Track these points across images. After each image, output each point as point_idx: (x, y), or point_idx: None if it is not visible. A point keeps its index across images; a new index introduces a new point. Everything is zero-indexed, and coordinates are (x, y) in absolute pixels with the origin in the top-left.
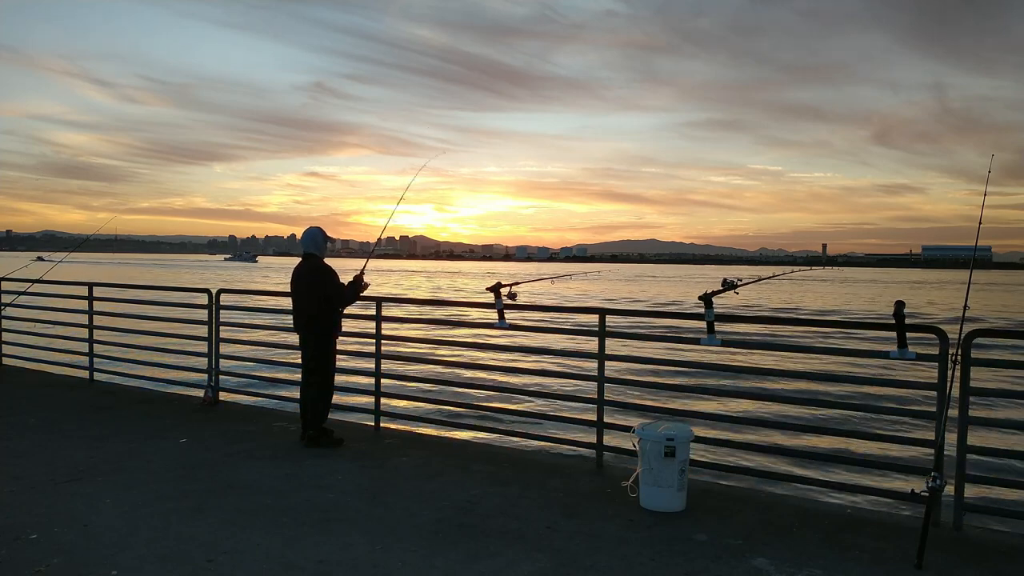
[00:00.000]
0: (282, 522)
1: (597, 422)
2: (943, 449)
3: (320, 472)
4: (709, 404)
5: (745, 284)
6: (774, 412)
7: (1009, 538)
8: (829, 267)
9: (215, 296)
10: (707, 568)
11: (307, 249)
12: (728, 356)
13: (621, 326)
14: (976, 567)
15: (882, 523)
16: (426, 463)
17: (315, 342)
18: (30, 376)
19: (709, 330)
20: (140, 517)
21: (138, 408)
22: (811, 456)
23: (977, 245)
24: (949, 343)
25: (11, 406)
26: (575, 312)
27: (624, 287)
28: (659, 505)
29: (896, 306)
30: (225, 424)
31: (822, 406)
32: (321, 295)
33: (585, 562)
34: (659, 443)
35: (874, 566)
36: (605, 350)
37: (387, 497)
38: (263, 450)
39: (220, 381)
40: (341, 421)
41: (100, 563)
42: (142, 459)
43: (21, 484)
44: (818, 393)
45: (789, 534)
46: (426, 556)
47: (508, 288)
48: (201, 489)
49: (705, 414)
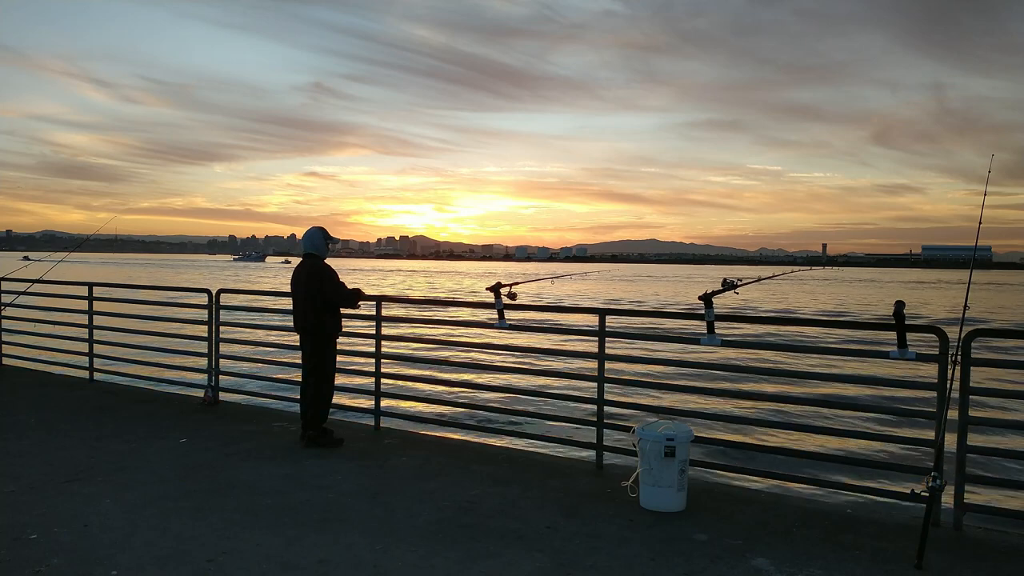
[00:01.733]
0: (282, 522)
1: (597, 422)
2: (943, 449)
3: (320, 472)
4: (709, 404)
5: (745, 284)
6: (774, 412)
7: (1009, 538)
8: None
9: (215, 296)
10: (707, 568)
11: (307, 249)
12: (728, 356)
13: (621, 326)
14: (976, 567)
15: (882, 523)
16: (426, 463)
17: (315, 342)
18: (30, 376)
19: (709, 330)
20: (140, 517)
21: (138, 408)
22: (811, 456)
23: (977, 245)
24: (949, 343)
25: (11, 406)
26: (575, 312)
27: (624, 287)
28: (659, 505)
29: (896, 306)
30: (225, 424)
31: (822, 406)
32: (321, 295)
33: (585, 562)
34: (659, 443)
35: (874, 566)
36: (605, 350)
37: (387, 497)
38: (263, 450)
39: (220, 381)
40: (341, 421)
41: (100, 563)
42: (142, 459)
43: (21, 484)
44: (818, 393)
45: (789, 534)
46: (426, 556)
47: (508, 288)
48: (201, 489)
49: (705, 414)
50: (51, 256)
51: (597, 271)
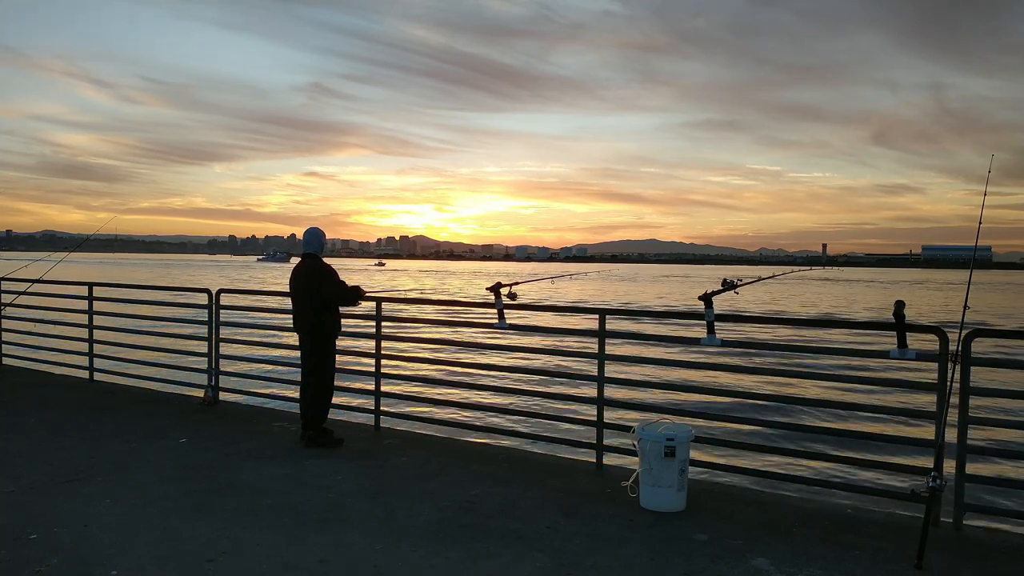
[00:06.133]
0: (282, 522)
1: (597, 422)
2: (943, 449)
3: (320, 472)
4: (709, 404)
5: (745, 284)
6: (774, 412)
7: (1009, 538)
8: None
9: (215, 296)
10: (707, 568)
11: (307, 249)
12: (728, 356)
13: (621, 327)
14: (976, 567)
15: (882, 523)
16: (426, 463)
17: (315, 342)
18: (30, 376)
19: (709, 330)
20: (140, 517)
21: (138, 408)
22: (811, 456)
23: (977, 245)
24: (949, 343)
25: (11, 406)
26: (575, 312)
27: (624, 287)
28: (659, 505)
29: (896, 306)
30: (225, 424)
31: (822, 406)
32: (321, 295)
33: (585, 562)
34: (659, 443)
35: (874, 566)
36: (605, 350)
37: (387, 497)
38: (263, 450)
39: (220, 381)
40: (341, 421)
41: (100, 563)
42: (142, 459)
43: (21, 484)
44: (818, 393)
45: (789, 534)
46: (426, 556)
47: (508, 288)
48: (201, 489)
49: (705, 414)
50: (51, 256)
51: (597, 271)
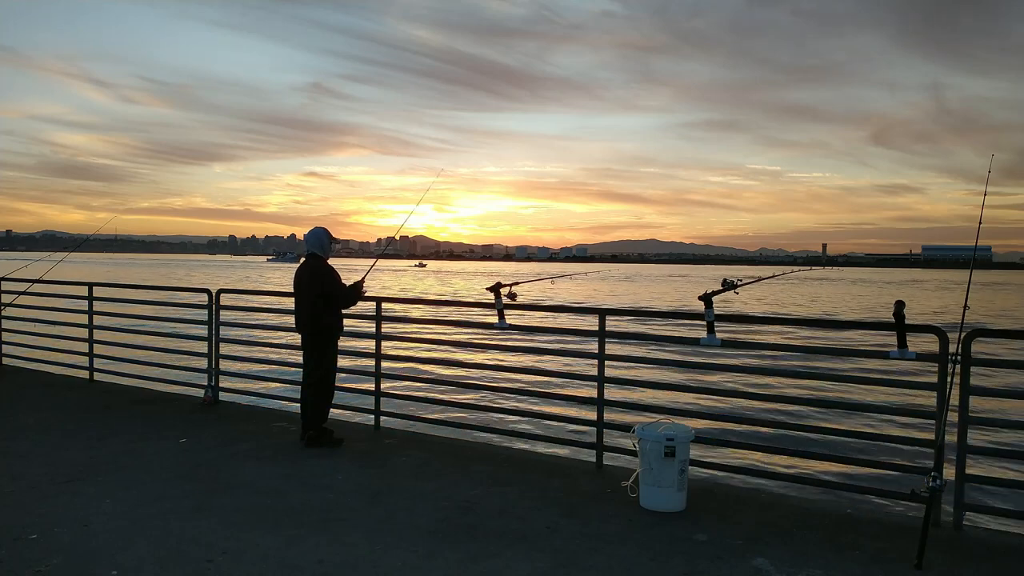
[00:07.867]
0: (282, 522)
1: (597, 422)
2: (943, 449)
3: (320, 472)
4: (709, 404)
5: (745, 284)
6: (774, 412)
7: (1009, 538)
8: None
9: (215, 296)
10: (707, 568)
11: (311, 249)
12: (728, 356)
13: (621, 327)
14: (976, 567)
15: (882, 523)
16: (426, 463)
17: (316, 342)
18: (30, 376)
19: (709, 330)
20: (140, 517)
21: (138, 408)
22: (811, 456)
23: (977, 245)
24: (949, 343)
25: (11, 406)
26: (575, 312)
27: (624, 287)
28: (659, 505)
29: (896, 306)
30: (225, 424)
31: (822, 406)
32: (322, 296)
33: (585, 562)
34: (659, 443)
35: (874, 566)
36: (605, 350)
37: (387, 497)
38: (263, 450)
39: (220, 381)
40: (341, 421)
41: (100, 563)
42: (142, 459)
43: (21, 484)
44: (818, 393)
45: (789, 534)
46: (426, 556)
47: (508, 288)
48: (201, 489)
49: (705, 414)
50: (51, 256)
51: (597, 271)
